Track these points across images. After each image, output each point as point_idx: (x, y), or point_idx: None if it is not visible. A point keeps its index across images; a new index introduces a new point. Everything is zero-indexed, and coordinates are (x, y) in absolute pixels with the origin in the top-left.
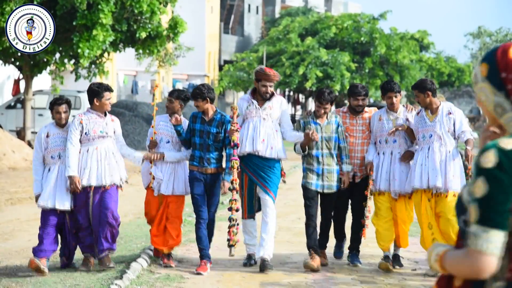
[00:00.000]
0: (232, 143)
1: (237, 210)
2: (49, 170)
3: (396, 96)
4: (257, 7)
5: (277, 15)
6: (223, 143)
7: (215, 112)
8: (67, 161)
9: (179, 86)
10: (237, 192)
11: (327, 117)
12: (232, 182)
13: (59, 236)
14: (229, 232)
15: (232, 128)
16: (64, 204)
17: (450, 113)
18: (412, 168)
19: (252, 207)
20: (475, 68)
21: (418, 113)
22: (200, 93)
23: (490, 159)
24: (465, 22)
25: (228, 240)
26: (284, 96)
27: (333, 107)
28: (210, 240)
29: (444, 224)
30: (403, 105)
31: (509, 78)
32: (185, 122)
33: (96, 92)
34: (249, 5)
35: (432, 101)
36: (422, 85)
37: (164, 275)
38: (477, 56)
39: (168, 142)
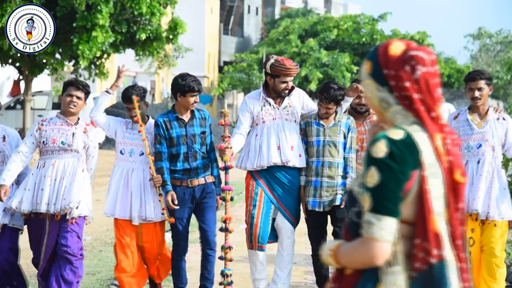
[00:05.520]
0: (223, 165)
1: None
2: None
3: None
4: (256, 8)
5: (277, 16)
6: (206, 145)
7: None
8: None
9: None
10: (228, 230)
11: (334, 118)
12: (225, 221)
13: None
14: None
15: (225, 145)
16: None
17: (503, 119)
18: None
19: (265, 234)
20: (362, 66)
21: (456, 117)
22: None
23: (381, 149)
24: (465, 23)
25: None
26: None
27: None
28: (207, 277)
29: (487, 262)
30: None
31: (390, 74)
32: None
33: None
34: (248, 6)
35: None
36: (485, 73)
37: None
38: (477, 58)
39: (142, 154)
